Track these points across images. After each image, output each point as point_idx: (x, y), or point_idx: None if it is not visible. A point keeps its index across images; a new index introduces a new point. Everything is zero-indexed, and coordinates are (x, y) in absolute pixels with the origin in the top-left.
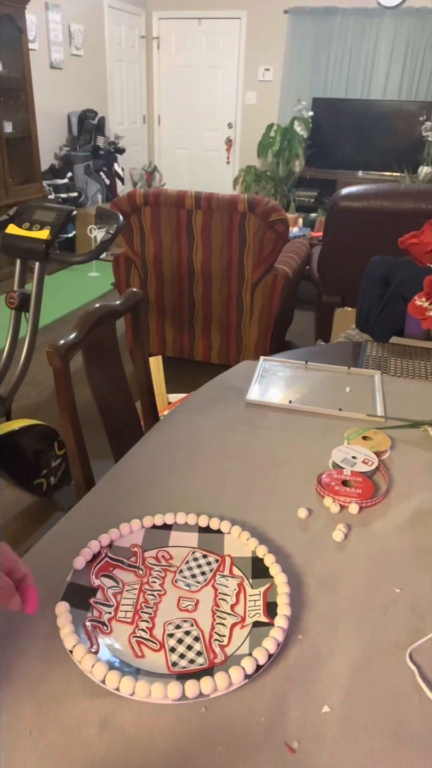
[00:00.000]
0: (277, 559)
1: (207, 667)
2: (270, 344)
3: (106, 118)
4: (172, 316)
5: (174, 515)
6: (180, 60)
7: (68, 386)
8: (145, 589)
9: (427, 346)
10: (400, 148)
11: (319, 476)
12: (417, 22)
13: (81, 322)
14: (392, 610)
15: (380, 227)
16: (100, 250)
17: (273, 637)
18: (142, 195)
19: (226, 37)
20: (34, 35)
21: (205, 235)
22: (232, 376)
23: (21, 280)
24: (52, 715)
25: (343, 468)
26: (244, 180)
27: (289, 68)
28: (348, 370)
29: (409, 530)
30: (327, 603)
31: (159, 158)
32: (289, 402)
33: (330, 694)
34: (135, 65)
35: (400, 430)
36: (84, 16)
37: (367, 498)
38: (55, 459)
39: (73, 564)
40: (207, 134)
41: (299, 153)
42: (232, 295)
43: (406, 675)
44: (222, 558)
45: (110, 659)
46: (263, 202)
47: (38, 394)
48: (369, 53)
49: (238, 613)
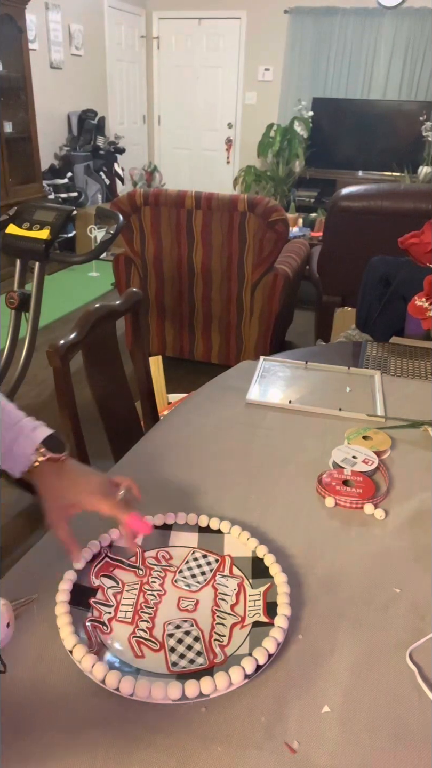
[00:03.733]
0: (277, 559)
1: (207, 667)
2: (270, 344)
3: (106, 118)
4: (172, 316)
5: (174, 515)
6: (180, 60)
7: (68, 386)
8: (145, 589)
9: (427, 346)
10: (400, 148)
11: (319, 476)
12: (417, 22)
13: (81, 322)
14: (392, 610)
15: (380, 227)
16: (100, 250)
17: (273, 637)
18: (142, 195)
19: (226, 37)
20: (34, 35)
21: (205, 235)
22: (232, 376)
23: (21, 280)
24: (52, 715)
25: (344, 468)
26: (244, 180)
27: (289, 68)
28: (348, 370)
29: (409, 530)
30: (327, 603)
31: (159, 158)
32: (289, 402)
33: (330, 694)
34: (135, 65)
35: (400, 430)
36: (84, 16)
37: (368, 498)
38: None
39: (74, 564)
40: (207, 134)
41: (299, 153)
42: (232, 295)
43: (406, 675)
44: (222, 558)
45: (110, 659)
46: (263, 202)
47: (38, 394)
48: (369, 53)
49: (238, 613)
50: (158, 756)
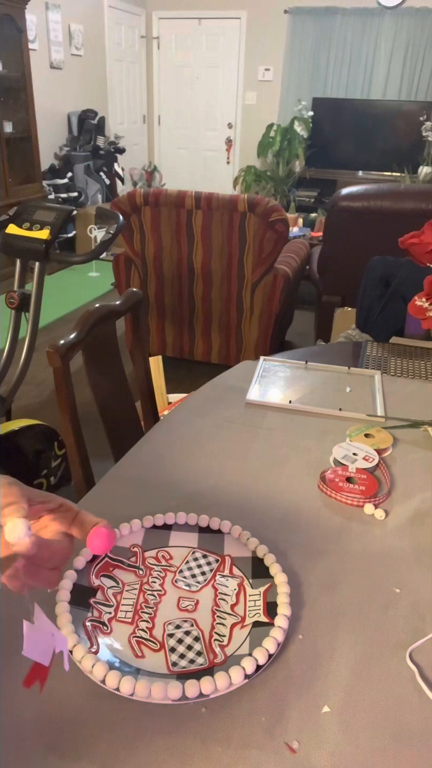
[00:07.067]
0: (277, 559)
1: (207, 667)
2: (270, 344)
3: (106, 118)
4: (172, 316)
5: (174, 515)
6: (180, 60)
7: (68, 386)
8: (145, 589)
9: (427, 346)
10: (400, 148)
11: (322, 473)
12: (417, 22)
13: (81, 322)
14: (392, 610)
15: (380, 227)
16: (100, 250)
17: (273, 637)
18: (142, 195)
19: (226, 37)
20: (34, 35)
21: (205, 235)
22: (232, 376)
23: (21, 280)
24: (52, 715)
25: (345, 465)
26: (244, 180)
27: (289, 68)
28: (348, 370)
29: (409, 530)
30: (327, 603)
31: (159, 158)
32: (289, 402)
33: (330, 694)
34: (135, 65)
35: (400, 430)
36: (84, 16)
37: (370, 495)
38: (55, 459)
39: (73, 564)
40: (207, 134)
41: (299, 153)
42: (232, 295)
43: (406, 675)
44: (222, 558)
45: (110, 659)
46: (263, 202)
47: (38, 394)
48: (369, 53)
49: (238, 613)
50: (158, 756)
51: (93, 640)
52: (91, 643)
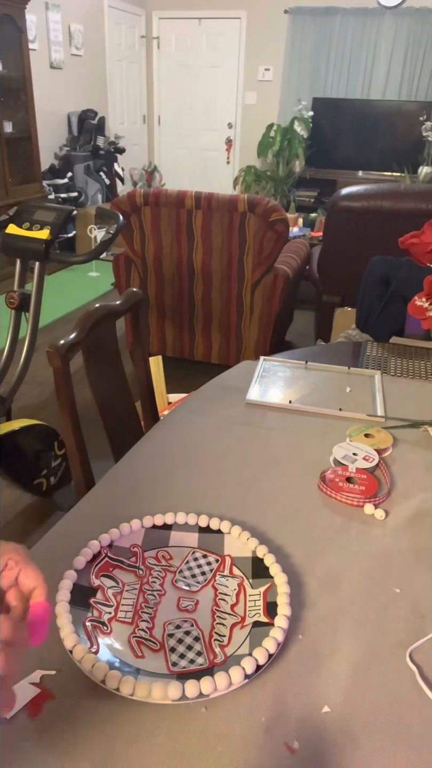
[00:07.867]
0: (277, 559)
1: (207, 667)
2: (270, 344)
3: (106, 118)
4: (172, 316)
5: (174, 515)
6: (180, 60)
7: (68, 386)
8: (145, 589)
9: (427, 346)
10: (400, 148)
11: (322, 473)
12: (417, 22)
13: (81, 322)
14: (392, 610)
15: (380, 227)
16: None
17: (273, 637)
18: (142, 195)
19: (226, 37)
20: (34, 35)
21: (205, 235)
22: (232, 376)
23: (21, 280)
24: (52, 716)
25: (345, 465)
26: (244, 180)
27: (289, 68)
28: (348, 370)
29: (409, 530)
30: (327, 603)
31: (159, 158)
32: (289, 402)
33: (330, 694)
34: (135, 65)
35: (400, 430)
36: (84, 16)
37: (370, 495)
38: (55, 459)
39: (73, 564)
40: (207, 134)
41: (299, 153)
42: (232, 295)
43: (406, 675)
44: (222, 558)
45: (110, 659)
46: (263, 202)
47: (38, 394)
48: (369, 53)
49: (238, 613)
50: (158, 756)
51: (93, 640)
52: (91, 643)
